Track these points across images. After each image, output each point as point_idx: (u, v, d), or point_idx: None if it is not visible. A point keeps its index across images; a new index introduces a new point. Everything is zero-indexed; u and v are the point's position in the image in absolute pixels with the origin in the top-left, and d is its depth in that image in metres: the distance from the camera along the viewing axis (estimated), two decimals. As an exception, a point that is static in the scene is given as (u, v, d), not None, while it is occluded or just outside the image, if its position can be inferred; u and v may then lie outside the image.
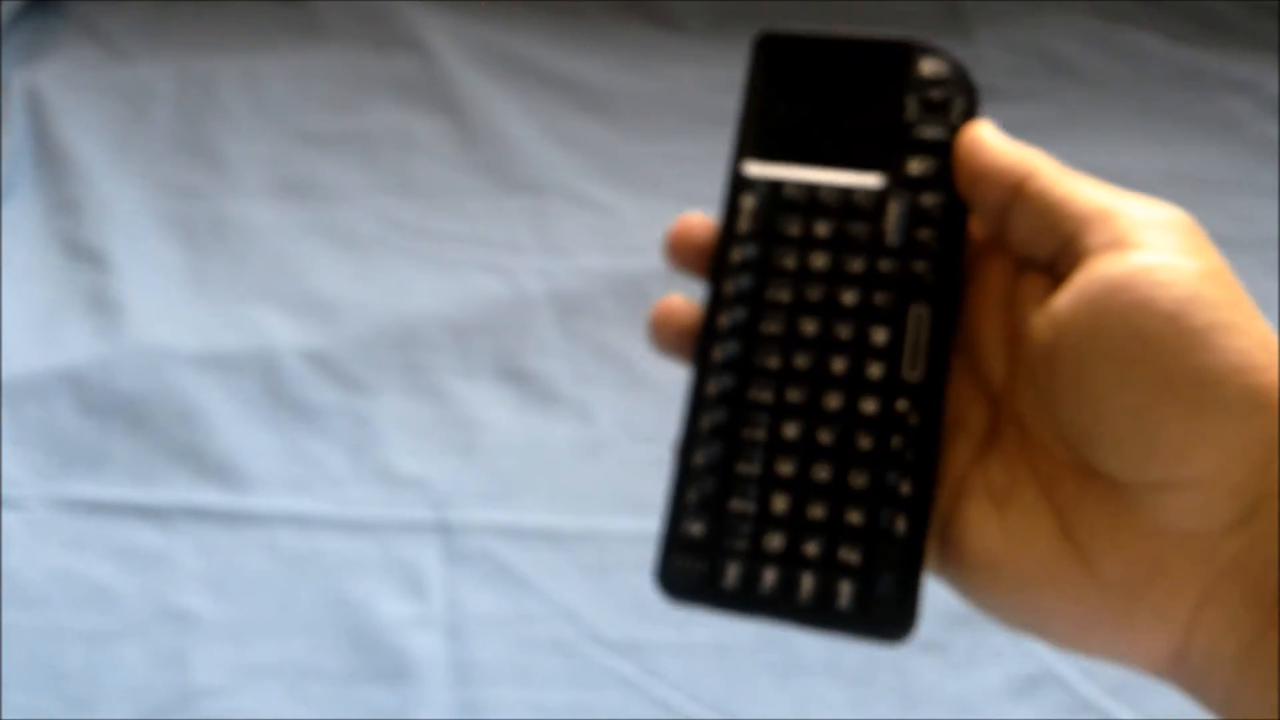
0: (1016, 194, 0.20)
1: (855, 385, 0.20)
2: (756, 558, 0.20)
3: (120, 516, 0.48)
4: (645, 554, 0.53)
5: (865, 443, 0.20)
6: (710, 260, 0.22)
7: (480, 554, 0.47)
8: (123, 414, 0.51)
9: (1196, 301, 0.17)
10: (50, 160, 0.63)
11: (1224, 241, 0.69)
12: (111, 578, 0.46)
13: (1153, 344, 0.17)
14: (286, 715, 0.43)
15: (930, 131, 0.21)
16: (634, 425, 0.52)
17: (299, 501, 0.49)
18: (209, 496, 0.49)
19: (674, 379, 0.23)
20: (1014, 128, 0.76)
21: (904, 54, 0.22)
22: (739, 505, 0.20)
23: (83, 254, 0.58)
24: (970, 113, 0.21)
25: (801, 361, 0.20)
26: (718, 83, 0.69)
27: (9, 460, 0.50)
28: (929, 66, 0.22)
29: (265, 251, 0.59)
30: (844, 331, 0.20)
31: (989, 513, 0.19)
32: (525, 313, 0.56)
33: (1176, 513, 0.18)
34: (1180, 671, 0.18)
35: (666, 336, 0.22)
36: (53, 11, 0.73)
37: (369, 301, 0.56)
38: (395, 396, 0.53)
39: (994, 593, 0.19)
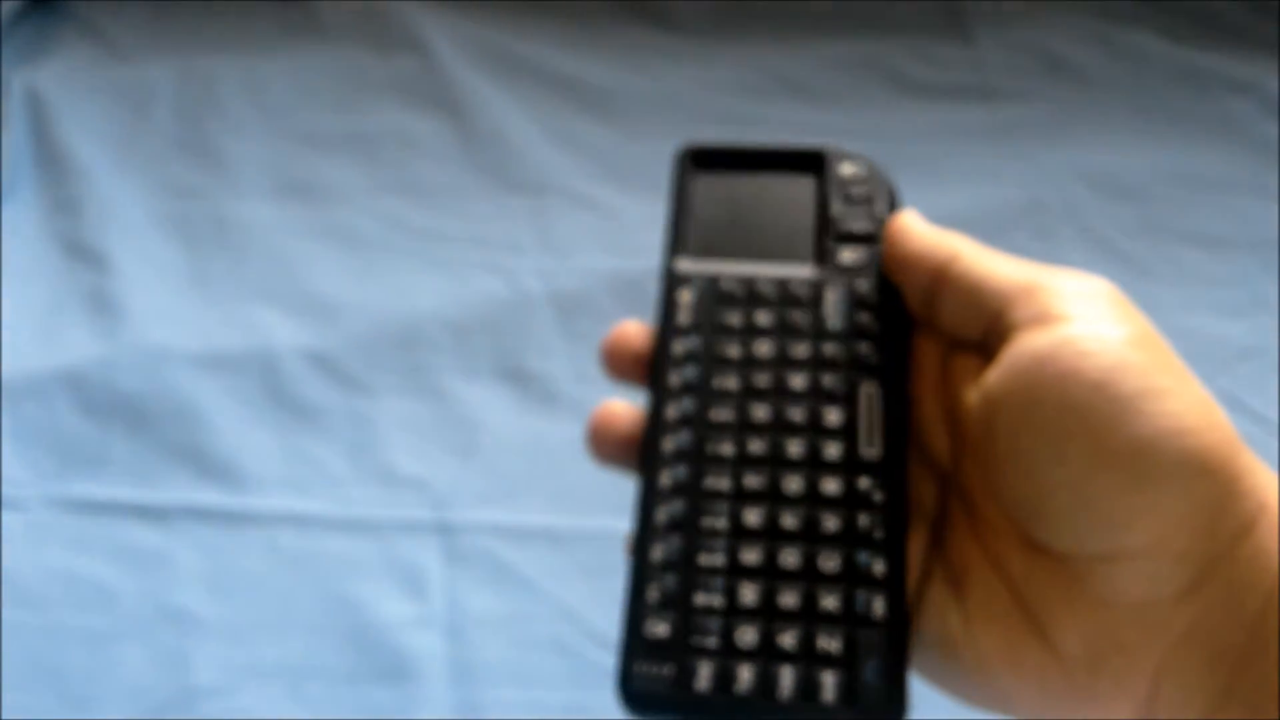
0: (941, 277, 0.20)
1: (814, 466, 0.20)
2: (729, 655, 0.18)
3: (120, 516, 0.48)
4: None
5: (831, 524, 0.19)
6: (651, 357, 0.21)
7: (480, 554, 0.47)
8: (123, 414, 0.51)
9: (1123, 368, 0.17)
10: (50, 160, 0.63)
11: (1224, 242, 0.69)
12: (112, 578, 0.46)
13: (1084, 414, 0.17)
14: (287, 715, 0.42)
15: (858, 224, 0.22)
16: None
17: (299, 501, 0.49)
18: (209, 496, 0.49)
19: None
20: (1014, 128, 0.76)
21: (822, 159, 0.23)
22: (704, 600, 0.19)
23: (83, 254, 0.58)
24: (893, 205, 0.22)
25: (756, 446, 0.20)
26: (718, 83, 0.70)
27: (9, 460, 0.50)
28: (848, 168, 0.23)
29: (266, 252, 0.59)
30: (796, 414, 0.20)
31: (947, 595, 0.19)
32: (525, 313, 0.56)
33: (1124, 584, 0.17)
34: None
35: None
36: (53, 11, 0.73)
37: (369, 301, 0.56)
38: (395, 396, 0.53)
39: (956, 675, 0.19)
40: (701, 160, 0.24)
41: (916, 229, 0.21)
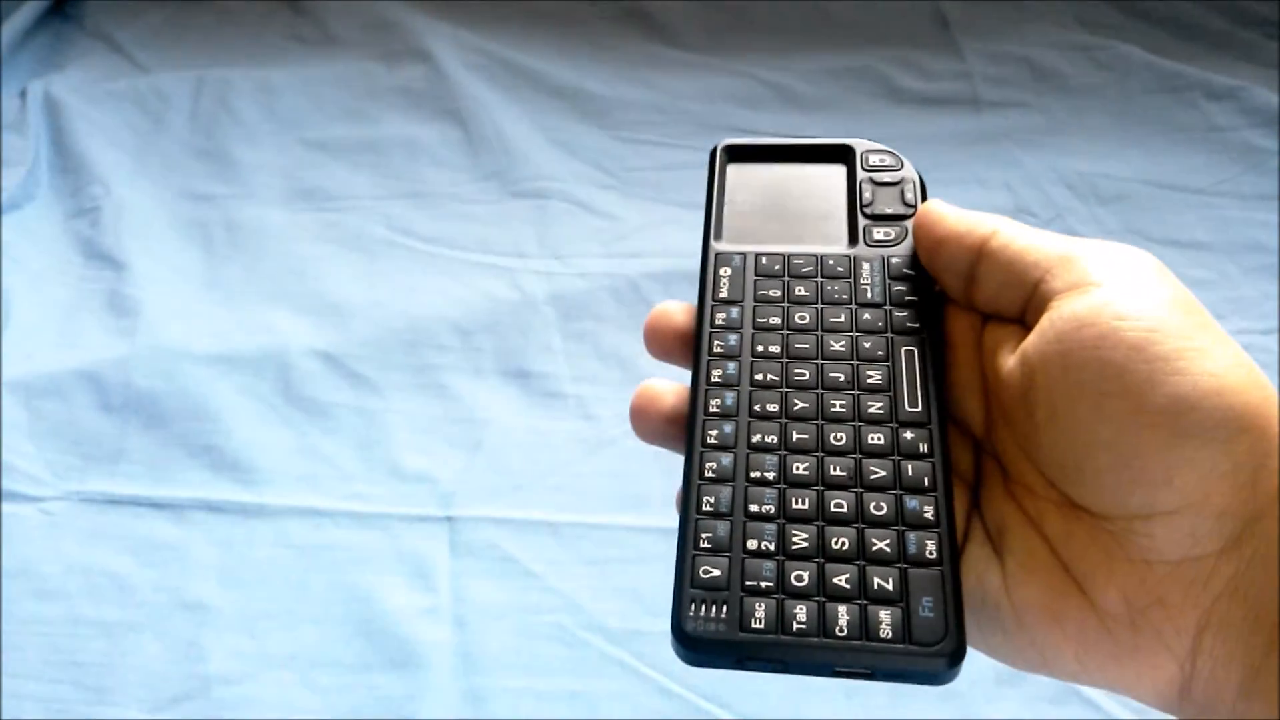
0: (981, 252, 0.20)
1: (859, 420, 0.20)
2: (784, 595, 0.18)
3: (137, 511, 0.49)
4: (645, 547, 0.54)
5: (880, 472, 0.19)
6: (694, 330, 0.22)
7: (486, 547, 0.48)
8: (140, 412, 0.52)
9: (1162, 329, 0.17)
10: (68, 166, 0.64)
11: (1205, 246, 0.70)
12: (129, 570, 0.47)
13: (1123, 374, 0.17)
14: (298, 703, 0.43)
15: (889, 205, 0.23)
16: (634, 423, 0.53)
17: (310, 496, 0.50)
18: (224, 491, 0.50)
19: (673, 377, 0.23)
20: (999, 135, 0.78)
21: (851, 151, 0.24)
22: (757, 544, 0.19)
23: (100, 257, 0.59)
24: (920, 191, 0.23)
25: (800, 404, 0.20)
26: (714, 93, 0.71)
27: (29, 456, 0.51)
28: (875, 157, 0.24)
29: (278, 255, 0.60)
30: (839, 374, 0.21)
31: (987, 556, 0.19)
32: (528, 314, 0.57)
33: (1164, 541, 0.17)
34: (1188, 701, 0.18)
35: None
36: (71, 22, 0.74)
37: (378, 303, 0.57)
38: (403, 395, 0.54)
39: (997, 634, 0.19)
40: (736, 156, 0.24)
41: (950, 211, 0.21)
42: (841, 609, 0.18)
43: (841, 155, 0.24)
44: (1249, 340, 0.56)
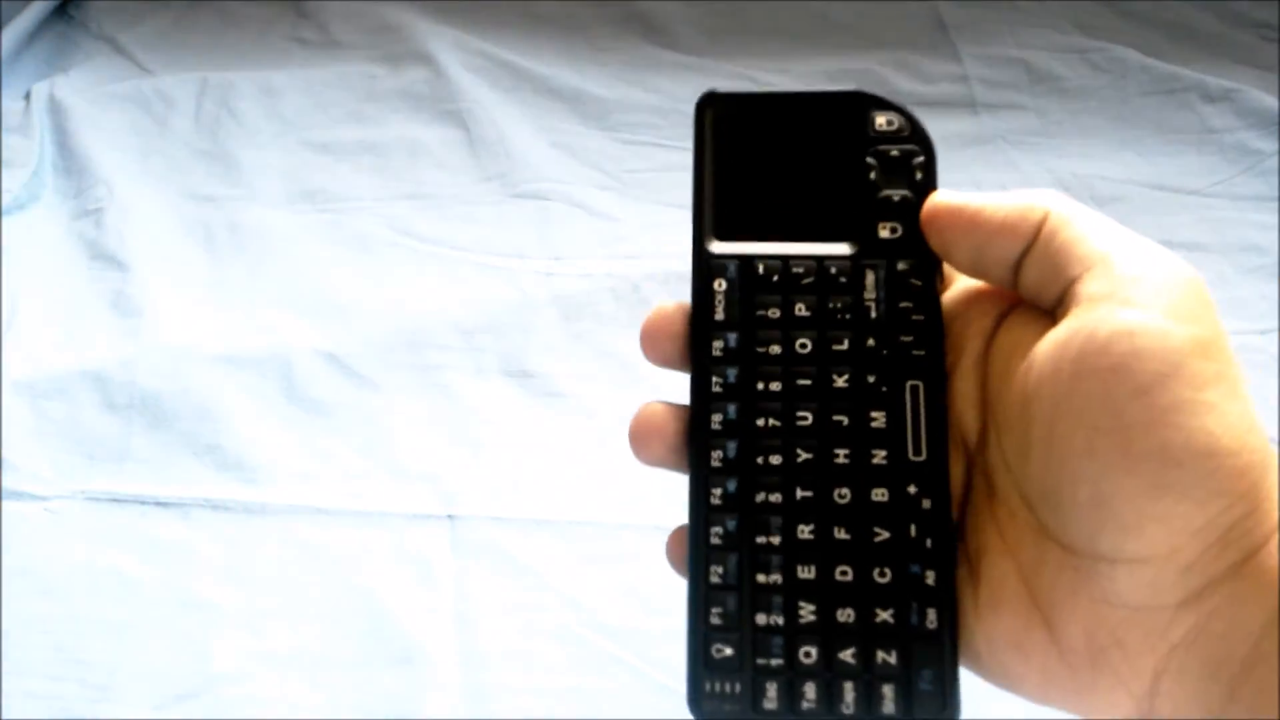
0: (1036, 238, 0.19)
1: (862, 474, 0.20)
2: (794, 673, 0.19)
3: (141, 510, 0.50)
4: (644, 545, 0.55)
5: (882, 534, 0.19)
6: (690, 351, 0.21)
7: (487, 545, 0.48)
8: (144, 412, 0.53)
9: (1175, 377, 0.17)
10: (73, 168, 0.64)
11: (1199, 247, 0.71)
12: (132, 569, 0.47)
13: (1122, 415, 0.17)
14: (301, 701, 0.44)
15: (895, 193, 0.21)
16: (633, 421, 0.54)
17: (313, 495, 0.50)
18: (227, 490, 0.50)
19: (671, 375, 0.22)
20: (997, 138, 0.79)
21: (856, 107, 0.21)
22: (765, 619, 0.19)
23: (104, 258, 0.60)
24: (930, 168, 0.21)
25: (804, 455, 0.20)
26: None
27: (35, 456, 0.51)
28: (884, 120, 0.21)
29: (281, 256, 0.60)
30: (843, 418, 0.20)
31: (964, 580, 0.20)
32: (529, 314, 0.57)
33: (1125, 586, 0.17)
34: None
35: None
36: (75, 25, 0.75)
37: (380, 304, 0.58)
38: (405, 394, 0.54)
39: (968, 655, 0.19)
40: (724, 112, 0.22)
41: (989, 200, 0.19)
42: (848, 686, 0.19)
43: (846, 111, 0.21)
44: (1245, 341, 0.57)
